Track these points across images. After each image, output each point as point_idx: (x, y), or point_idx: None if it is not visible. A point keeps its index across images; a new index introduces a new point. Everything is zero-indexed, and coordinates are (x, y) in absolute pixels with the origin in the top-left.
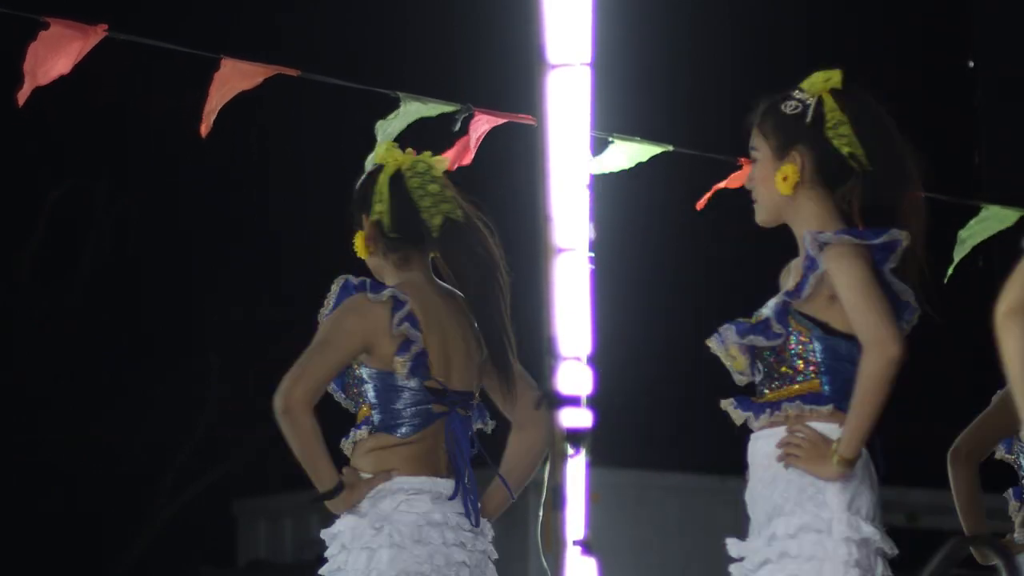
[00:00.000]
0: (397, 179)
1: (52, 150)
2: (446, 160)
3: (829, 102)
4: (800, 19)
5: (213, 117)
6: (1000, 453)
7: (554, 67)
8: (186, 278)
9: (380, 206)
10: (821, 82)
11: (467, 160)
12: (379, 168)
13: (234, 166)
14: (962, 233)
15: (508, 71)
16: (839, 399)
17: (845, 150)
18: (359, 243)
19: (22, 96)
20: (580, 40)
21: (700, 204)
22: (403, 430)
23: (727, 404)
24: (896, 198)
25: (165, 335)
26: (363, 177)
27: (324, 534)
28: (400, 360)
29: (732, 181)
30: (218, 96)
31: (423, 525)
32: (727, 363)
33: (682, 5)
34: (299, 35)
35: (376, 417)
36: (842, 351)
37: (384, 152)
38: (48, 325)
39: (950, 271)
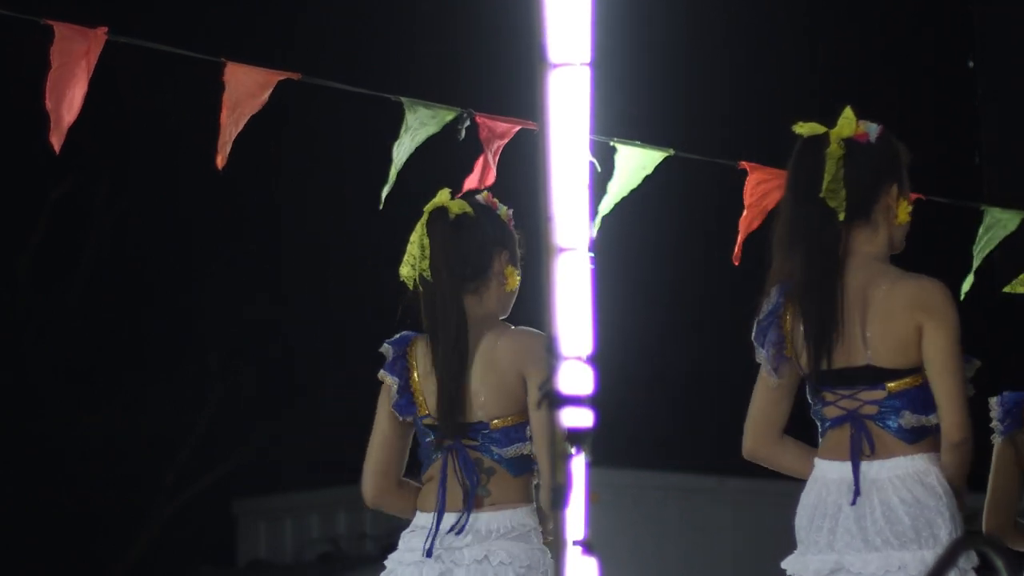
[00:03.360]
0: None
1: (52, 150)
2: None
3: None
4: (800, 20)
5: (228, 148)
6: None
7: (555, 67)
8: (186, 278)
9: None
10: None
11: (490, 179)
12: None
13: (234, 166)
14: (975, 247)
15: (509, 72)
16: None
17: None
18: None
19: (57, 141)
20: (580, 40)
21: (736, 259)
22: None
23: None
24: None
25: (165, 335)
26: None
27: None
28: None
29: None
30: (231, 123)
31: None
32: None
33: (681, 6)
34: (301, 39)
35: None
36: None
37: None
38: (48, 325)
39: (966, 287)
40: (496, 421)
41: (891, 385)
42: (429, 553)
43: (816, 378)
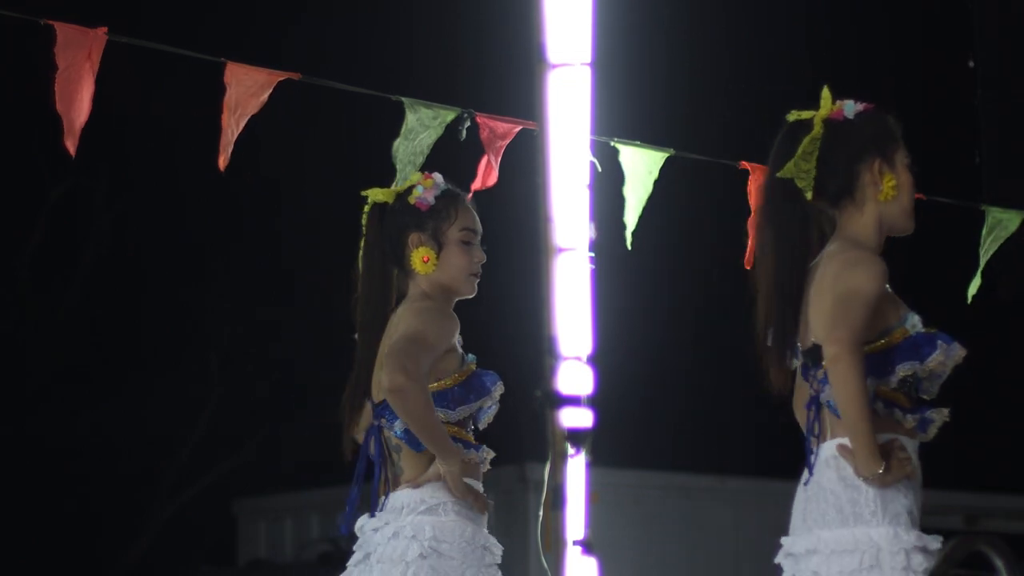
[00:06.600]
0: None
1: (53, 149)
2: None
3: None
4: (800, 20)
5: (231, 149)
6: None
7: (554, 67)
8: (186, 278)
9: None
10: None
11: (492, 180)
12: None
13: (234, 166)
14: (980, 249)
15: (509, 72)
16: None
17: None
18: None
19: (72, 144)
20: (580, 40)
21: (748, 263)
22: None
23: None
24: None
25: (165, 334)
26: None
27: None
28: None
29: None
30: (231, 125)
31: None
32: None
33: (682, 6)
34: (301, 39)
35: None
36: None
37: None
38: (47, 324)
39: (973, 289)
40: None
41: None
42: (343, 530)
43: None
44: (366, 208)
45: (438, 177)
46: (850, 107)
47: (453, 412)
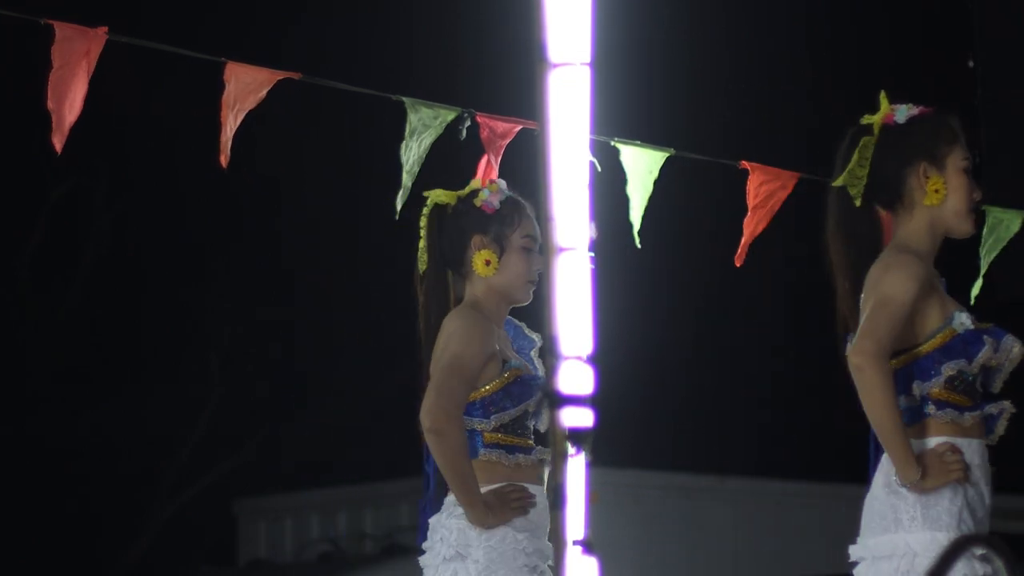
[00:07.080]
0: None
1: (53, 150)
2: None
3: None
4: (800, 20)
5: (230, 145)
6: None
7: (555, 67)
8: (186, 278)
9: None
10: None
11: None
12: None
13: (234, 164)
14: (981, 249)
15: (509, 72)
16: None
17: None
18: None
19: (59, 141)
20: (580, 40)
21: (739, 260)
22: None
23: None
24: None
25: (165, 334)
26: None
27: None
28: None
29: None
30: (230, 121)
31: None
32: None
33: (681, 6)
34: (301, 39)
35: None
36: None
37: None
38: (47, 324)
39: (976, 291)
40: None
41: None
42: (420, 541)
43: None
44: (425, 210)
45: (502, 183)
46: (902, 112)
47: (488, 421)
